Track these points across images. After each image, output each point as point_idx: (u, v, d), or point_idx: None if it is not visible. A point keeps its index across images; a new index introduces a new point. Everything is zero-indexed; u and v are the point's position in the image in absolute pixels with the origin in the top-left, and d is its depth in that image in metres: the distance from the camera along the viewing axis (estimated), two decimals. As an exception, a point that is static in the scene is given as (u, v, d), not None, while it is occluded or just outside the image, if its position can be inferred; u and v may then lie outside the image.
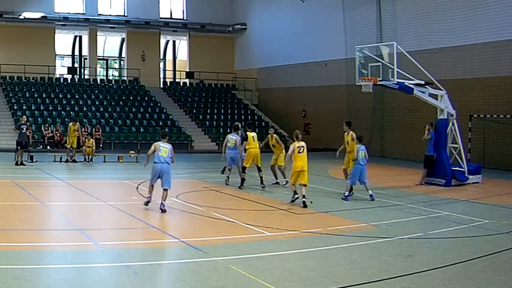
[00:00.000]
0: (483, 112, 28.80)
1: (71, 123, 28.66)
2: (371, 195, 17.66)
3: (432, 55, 29.50)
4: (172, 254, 11.08)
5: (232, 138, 20.64)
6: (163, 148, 15.23)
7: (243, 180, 19.97)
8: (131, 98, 42.96)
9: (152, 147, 15.33)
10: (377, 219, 14.70)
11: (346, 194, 17.85)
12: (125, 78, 46.77)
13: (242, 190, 19.26)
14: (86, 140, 28.81)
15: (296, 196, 16.59)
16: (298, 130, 17.41)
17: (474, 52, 28.99)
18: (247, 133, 20.79)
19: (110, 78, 48.70)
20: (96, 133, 34.37)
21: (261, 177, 20.12)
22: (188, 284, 9.02)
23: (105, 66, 50.22)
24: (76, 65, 47.79)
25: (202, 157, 33.21)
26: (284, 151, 20.34)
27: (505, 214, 15.90)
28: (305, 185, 16.39)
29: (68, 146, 27.96)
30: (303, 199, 16.07)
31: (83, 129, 33.85)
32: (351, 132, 18.86)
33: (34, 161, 26.81)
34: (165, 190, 15.18)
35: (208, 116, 42.93)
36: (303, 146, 16.65)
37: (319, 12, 39.68)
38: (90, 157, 28.19)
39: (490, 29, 27.81)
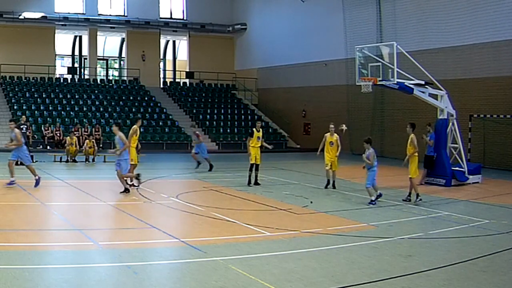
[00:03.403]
0: (483, 112, 28.78)
1: (68, 137, 28.99)
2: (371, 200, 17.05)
3: (432, 55, 29.48)
4: (172, 254, 11.01)
5: None
6: None
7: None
8: (131, 98, 42.96)
9: None
10: (377, 219, 14.66)
11: (372, 199, 17.03)
12: (125, 78, 46.77)
13: (241, 190, 19.21)
14: (87, 141, 28.87)
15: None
16: (332, 124, 20.42)
17: (474, 52, 28.96)
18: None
19: (110, 78, 48.71)
20: (96, 133, 34.36)
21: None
22: (188, 284, 9.00)
23: (105, 66, 50.20)
24: (76, 65, 47.78)
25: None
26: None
27: (505, 214, 15.86)
28: (334, 170, 20.14)
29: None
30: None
31: (83, 129, 33.87)
32: (411, 135, 17.63)
33: (34, 161, 26.75)
34: None
35: (208, 116, 42.94)
36: (331, 142, 20.07)
37: (319, 12, 39.67)
38: (92, 157, 28.25)
39: (490, 29, 27.78)
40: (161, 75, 49.53)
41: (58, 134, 34.51)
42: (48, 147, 33.54)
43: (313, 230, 13.06)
